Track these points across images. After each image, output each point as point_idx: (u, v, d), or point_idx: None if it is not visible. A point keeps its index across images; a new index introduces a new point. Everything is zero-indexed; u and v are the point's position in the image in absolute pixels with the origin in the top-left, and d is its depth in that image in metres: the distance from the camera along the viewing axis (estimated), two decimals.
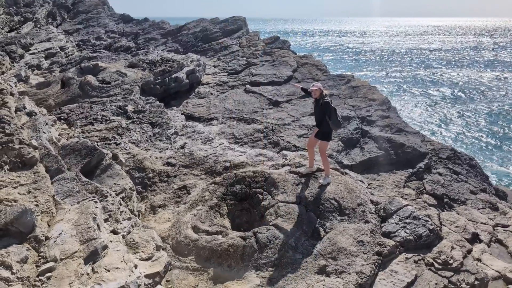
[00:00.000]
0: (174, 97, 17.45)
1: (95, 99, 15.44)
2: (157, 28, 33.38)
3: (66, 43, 25.51)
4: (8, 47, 20.69)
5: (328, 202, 8.35)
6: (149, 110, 14.21)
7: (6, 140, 8.85)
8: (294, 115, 14.66)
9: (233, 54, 22.70)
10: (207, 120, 15.03)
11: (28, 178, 7.90)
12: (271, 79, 18.20)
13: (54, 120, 12.67)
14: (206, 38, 27.25)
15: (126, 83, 16.81)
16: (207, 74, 19.88)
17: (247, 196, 8.84)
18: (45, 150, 9.10)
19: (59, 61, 21.61)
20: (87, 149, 9.53)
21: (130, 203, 8.70)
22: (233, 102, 16.14)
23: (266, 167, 9.85)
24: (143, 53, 23.99)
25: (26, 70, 18.83)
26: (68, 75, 17.34)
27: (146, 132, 12.83)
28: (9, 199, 7.02)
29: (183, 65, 18.72)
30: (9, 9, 30.13)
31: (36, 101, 15.49)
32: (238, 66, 20.44)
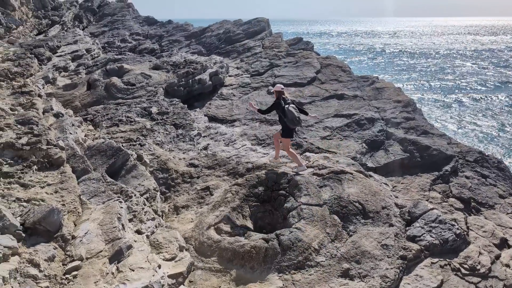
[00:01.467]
0: (197, 99, 17.59)
1: (120, 100, 15.70)
2: (180, 30, 33.74)
3: (92, 46, 26.03)
4: (36, 50, 21.24)
5: (352, 205, 8.27)
6: (172, 112, 14.37)
7: (34, 141, 9.09)
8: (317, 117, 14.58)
9: (256, 56, 22.74)
10: (229, 121, 15.08)
11: (55, 178, 8.09)
12: (294, 81, 18.16)
13: (80, 121, 12.95)
14: (229, 40, 27.39)
15: (150, 85, 17.04)
16: (230, 76, 19.97)
17: (269, 198, 8.84)
18: (72, 150, 9.30)
19: (85, 63, 22.07)
20: (112, 150, 9.69)
21: (154, 204, 8.81)
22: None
23: (289, 169, 9.82)
24: (167, 55, 24.27)
25: (53, 72, 19.29)
26: (94, 77, 17.69)
27: (170, 133, 12.97)
28: (37, 198, 7.21)
29: (206, 67, 18.86)
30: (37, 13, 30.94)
31: (63, 102, 15.85)
32: (261, 68, 20.47)
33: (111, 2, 44.71)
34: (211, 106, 16.66)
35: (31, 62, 18.81)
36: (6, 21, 24.35)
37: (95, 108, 15.10)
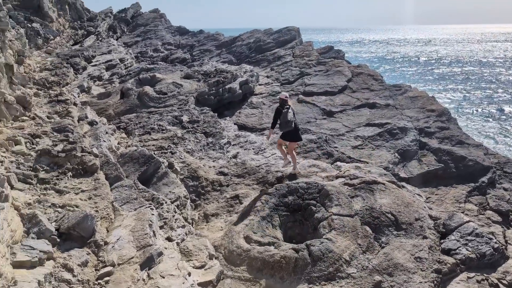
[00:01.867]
0: (228, 107, 17.74)
1: (152, 109, 16.01)
2: (211, 39, 34.19)
3: (125, 55, 26.70)
4: (72, 60, 21.95)
5: (384, 216, 8.12)
6: (203, 120, 14.54)
7: (70, 148, 9.36)
8: (348, 126, 14.45)
9: (286, 64, 22.78)
10: (259, 130, 15.12)
11: (89, 185, 8.30)
12: (324, 89, 18.08)
13: (113, 129, 13.27)
14: (260, 48, 27.55)
15: (181, 94, 17.31)
16: (260, 85, 20.07)
17: (300, 207, 8.78)
18: (105, 158, 9.53)
19: (118, 73, 22.64)
20: (144, 157, 9.88)
21: (184, 211, 8.91)
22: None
23: (320, 178, 9.75)
24: (198, 65, 24.61)
25: (88, 81, 19.86)
26: (127, 86, 18.12)
27: (200, 142, 13.12)
28: (71, 204, 7.41)
29: (237, 75, 19.02)
30: (73, 24, 32.00)
31: (97, 110, 16.29)
32: (291, 76, 20.49)
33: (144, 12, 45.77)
34: (241, 114, 16.76)
35: (67, 72, 19.44)
36: (44, 32, 25.29)
37: (128, 116, 15.45)
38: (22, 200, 7.12)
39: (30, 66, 17.86)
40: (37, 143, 10.07)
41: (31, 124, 11.50)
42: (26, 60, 17.52)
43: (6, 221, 5.29)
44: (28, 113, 12.15)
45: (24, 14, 24.70)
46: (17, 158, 8.92)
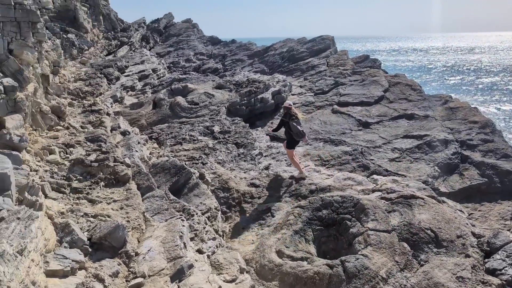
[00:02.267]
0: (260, 118, 17.81)
1: (184, 119, 16.26)
2: (244, 49, 34.55)
3: (158, 65, 27.31)
4: (106, 70, 22.63)
5: (424, 232, 7.92)
6: (234, 131, 14.64)
7: (102, 158, 9.62)
8: (385, 137, 14.23)
9: (320, 74, 22.72)
10: None
11: (121, 195, 8.48)
12: (360, 99, 17.90)
13: (145, 139, 13.54)
14: (293, 58, 27.62)
15: (213, 104, 17.52)
16: (293, 95, 20.07)
17: (334, 222, 8.67)
18: (137, 168, 9.73)
19: (151, 83, 23.17)
20: (175, 168, 10.02)
21: (215, 223, 8.95)
22: (320, 122, 16.07)
23: (355, 191, 9.62)
24: (230, 75, 24.91)
25: (121, 91, 20.41)
26: (159, 96, 18.50)
27: (232, 152, 13.20)
28: (103, 214, 7.58)
29: (269, 85, 19.10)
30: (107, 34, 33.06)
31: (130, 120, 16.69)
32: (325, 86, 20.40)
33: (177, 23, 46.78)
34: (273, 125, 16.77)
35: (100, 82, 20.04)
36: (79, 42, 26.22)
37: (160, 126, 15.74)
38: (56, 209, 7.34)
39: (65, 77, 18.52)
40: (70, 152, 10.39)
41: (65, 134, 11.89)
42: (61, 71, 18.18)
43: (40, 229, 5.46)
44: (62, 123, 12.57)
45: (60, 25, 25.72)
46: (51, 167, 9.23)
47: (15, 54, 11.55)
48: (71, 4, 28.36)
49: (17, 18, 11.90)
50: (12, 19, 11.79)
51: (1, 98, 9.67)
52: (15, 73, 11.01)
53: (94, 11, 32.42)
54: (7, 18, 11.63)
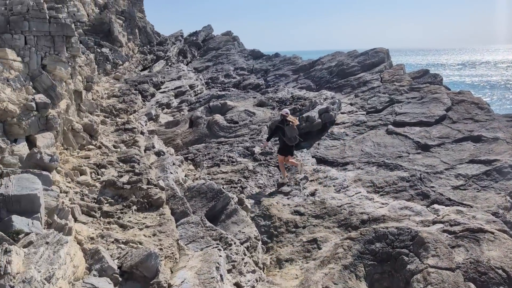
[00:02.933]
0: (305, 138, 17.74)
1: (222, 139, 16.45)
2: (288, 63, 34.80)
3: (195, 81, 27.95)
4: (140, 86, 23.37)
5: (494, 271, 7.56)
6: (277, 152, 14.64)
7: (135, 180, 9.84)
8: (448, 162, 13.83)
9: (373, 91, 22.50)
10: (341, 164, 14.92)
11: (154, 220, 8.62)
12: (419, 119, 17.54)
13: (181, 160, 13.78)
14: (342, 73, 27.53)
15: (254, 122, 17.66)
16: (343, 113, 19.93)
17: (389, 256, 8.44)
18: (172, 191, 9.88)
19: (188, 100, 23.69)
20: (213, 192, 10.10)
21: (255, 254, 8.91)
22: (373, 144, 15.84)
23: (413, 223, 9.35)
24: (273, 91, 25.09)
25: (156, 109, 20.96)
26: (196, 114, 18.85)
27: (273, 176, 13.19)
28: (135, 240, 7.71)
29: (316, 103, 19.07)
30: (143, 48, 34.21)
31: (165, 140, 17.06)
32: (379, 104, 20.16)
33: (216, 35, 47.86)
34: (320, 146, 16.67)
35: (135, 99, 20.69)
36: (114, 57, 27.28)
37: (197, 146, 15.99)
38: (85, 234, 7.53)
39: (98, 93, 19.25)
40: (102, 173, 10.71)
41: (97, 153, 12.30)
42: (95, 87, 18.92)
43: (69, 255, 5.61)
44: (94, 142, 13.01)
45: (94, 39, 26.87)
46: (81, 189, 9.53)
47: (48, 70, 12.15)
48: (106, 17, 29.61)
49: (52, 32, 12.56)
50: (47, 33, 12.46)
51: (33, 115, 10.15)
52: (47, 89, 11.56)
53: (130, 24, 33.72)
54: (41, 32, 12.30)
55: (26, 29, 11.90)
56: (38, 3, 12.25)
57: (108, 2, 32.43)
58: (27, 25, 11.93)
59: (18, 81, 10.85)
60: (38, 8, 12.15)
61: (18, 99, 10.21)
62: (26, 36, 11.94)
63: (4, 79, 10.41)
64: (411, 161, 14.21)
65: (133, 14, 34.34)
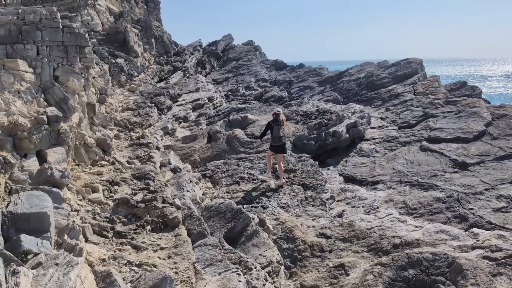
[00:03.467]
0: (331, 155, 17.70)
1: (242, 155, 16.50)
2: (313, 75, 34.87)
3: (214, 93, 28.19)
4: (156, 98, 23.66)
5: None
6: (301, 169, 14.61)
7: (150, 198, 9.91)
8: (488, 182, 13.61)
9: (405, 104, 22.37)
10: (371, 183, 14.82)
11: (169, 241, 8.64)
12: (456, 135, 17.34)
13: (198, 178, 13.84)
14: (372, 85, 27.46)
15: None
16: (372, 128, 19.83)
17: (423, 284, 8.30)
18: (188, 210, 9.91)
19: (206, 113, 23.87)
20: (232, 212, 10.10)
21: (277, 280, 8.85)
22: (405, 162, 15.70)
23: (450, 248, 9.20)
24: (297, 104, 25.13)
25: (173, 123, 21.18)
26: (215, 129, 18.97)
27: (297, 195, 13.14)
28: (148, 263, 7.74)
29: (343, 117, 19.02)
30: (159, 59, 34.72)
31: (181, 155, 17.18)
32: (412, 118, 20.01)
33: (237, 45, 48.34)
34: (347, 163, 16.60)
35: (150, 112, 20.94)
36: (129, 68, 27.75)
37: (215, 163, 16.05)
38: (97, 255, 7.59)
39: (112, 106, 19.55)
40: (115, 191, 10.83)
41: (110, 170, 12.44)
42: (108, 99, 19.23)
43: (79, 278, 5.66)
44: (107, 157, 13.18)
45: (108, 49, 27.39)
46: (93, 207, 9.64)
47: (60, 81, 12.40)
48: (121, 26, 30.19)
49: (65, 42, 12.84)
50: (59, 43, 12.74)
51: (44, 129, 10.34)
52: (59, 101, 11.79)
53: (146, 33, 34.30)
54: (54, 42, 12.58)
55: (38, 39, 12.20)
56: (51, 12, 12.56)
57: (123, 10, 33.11)
58: (40, 34, 12.22)
59: (29, 93, 11.10)
60: (51, 17, 12.46)
61: (29, 112, 10.43)
62: (38, 46, 12.24)
63: (15, 91, 10.66)
64: (448, 181, 14.04)
65: (149, 23, 34.94)
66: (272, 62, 42.68)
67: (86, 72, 14.19)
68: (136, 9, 38.05)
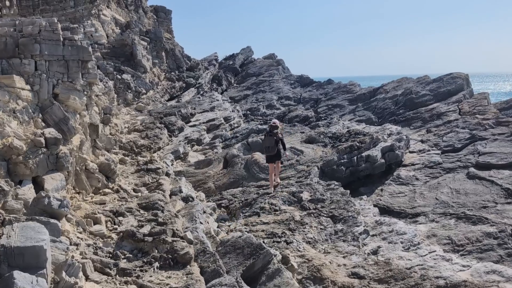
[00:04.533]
0: (365, 183, 17.59)
1: (263, 182, 16.47)
2: (343, 91, 34.90)
3: (231, 113, 28.33)
4: (167, 119, 23.84)
5: None
6: (330, 199, 14.52)
7: (158, 231, 9.92)
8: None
9: (449, 125, 22.23)
10: (410, 215, 14.69)
11: (180, 280, 8.61)
12: (508, 160, 17.14)
13: (213, 208, 13.84)
14: (411, 103, 27.38)
15: (301, 162, 17.64)
16: (412, 152, 19.72)
17: None
18: (201, 245, 9.88)
19: (222, 135, 23.98)
20: (251, 247, 10.04)
21: None
22: (450, 191, 15.54)
23: None
24: (325, 125, 25.08)
25: (184, 146, 21.29)
26: (232, 153, 19.01)
27: (326, 229, 13.04)
28: None
29: (378, 139, 18.94)
30: (170, 74, 35.08)
31: (194, 183, 17.22)
32: (457, 142, 19.85)
33: (257, 59, 48.63)
34: (383, 193, 16.48)
35: (160, 134, 21.10)
36: (136, 84, 28.13)
37: (232, 191, 16.04)
38: None
39: (117, 127, 19.75)
40: (119, 222, 10.86)
41: (114, 199, 12.52)
42: (113, 119, 19.44)
43: None
44: (111, 184, 13.28)
45: (114, 64, 27.82)
46: (95, 241, 9.67)
47: (60, 99, 12.57)
48: (128, 38, 30.68)
49: (66, 56, 13.03)
50: (60, 58, 12.93)
51: (42, 152, 10.47)
52: (59, 122, 11.94)
53: (155, 46, 34.78)
54: (54, 56, 12.77)
55: (37, 52, 12.36)
56: (51, 23, 12.78)
57: (130, 21, 33.68)
58: (38, 48, 12.40)
59: (26, 113, 11.27)
60: (51, 29, 12.67)
61: (25, 134, 10.57)
62: (36, 60, 12.38)
63: (10, 111, 10.82)
64: (499, 213, 13.87)
65: (159, 35, 35.40)
66: (297, 77, 42.82)
67: (89, 89, 14.37)
68: (144, 19, 38.65)
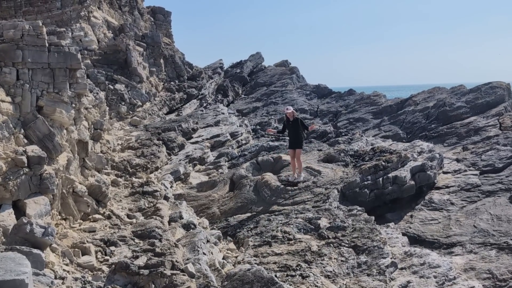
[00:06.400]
0: (392, 208, 17.51)
1: (275, 207, 16.42)
2: (366, 103, 34.86)
3: (238, 128, 28.33)
4: (165, 134, 23.87)
5: None
6: (352, 227, 14.46)
7: (156, 263, 9.88)
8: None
9: (489, 141, 22.16)
10: (445, 245, 14.60)
11: None
12: None
13: (218, 237, 13.80)
14: (444, 116, 27.32)
15: (319, 185, 17.58)
16: (445, 173, 19.64)
17: None
18: (205, 279, 9.85)
19: (228, 153, 23.95)
20: (261, 282, 10.00)
21: None
22: (490, 218, 15.45)
23: None
24: (346, 141, 25.03)
25: (185, 165, 21.29)
26: (239, 173, 18.99)
27: (348, 261, 12.98)
28: None
29: (407, 158, 18.89)
30: (169, 84, 35.12)
31: (196, 207, 17.18)
32: (498, 161, 19.77)
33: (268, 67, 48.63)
34: (413, 219, 16.41)
35: (157, 151, 21.13)
36: (130, 96, 28.18)
37: (240, 217, 16.01)
38: None
39: (108, 144, 19.83)
40: (111, 253, 10.85)
41: (105, 226, 12.53)
42: (105, 135, 19.52)
43: None
44: (102, 210, 13.30)
45: (105, 72, 27.92)
46: (83, 274, 9.66)
47: (45, 113, 12.62)
48: (122, 43, 30.80)
49: (51, 64, 13.07)
50: (45, 66, 12.97)
51: (24, 173, 10.50)
52: (43, 138, 11.97)
53: (153, 52, 34.88)
54: (38, 64, 12.82)
55: (19, 60, 12.37)
56: (35, 26, 12.84)
57: (124, 24, 33.80)
58: (21, 55, 12.41)
59: (6, 128, 11.30)
60: (35, 33, 12.72)
61: (4, 152, 10.61)
62: (18, 69, 12.39)
63: None
64: None
65: (157, 40, 35.49)
66: (313, 87, 42.77)
67: (77, 101, 14.41)
68: (140, 22, 38.71)
